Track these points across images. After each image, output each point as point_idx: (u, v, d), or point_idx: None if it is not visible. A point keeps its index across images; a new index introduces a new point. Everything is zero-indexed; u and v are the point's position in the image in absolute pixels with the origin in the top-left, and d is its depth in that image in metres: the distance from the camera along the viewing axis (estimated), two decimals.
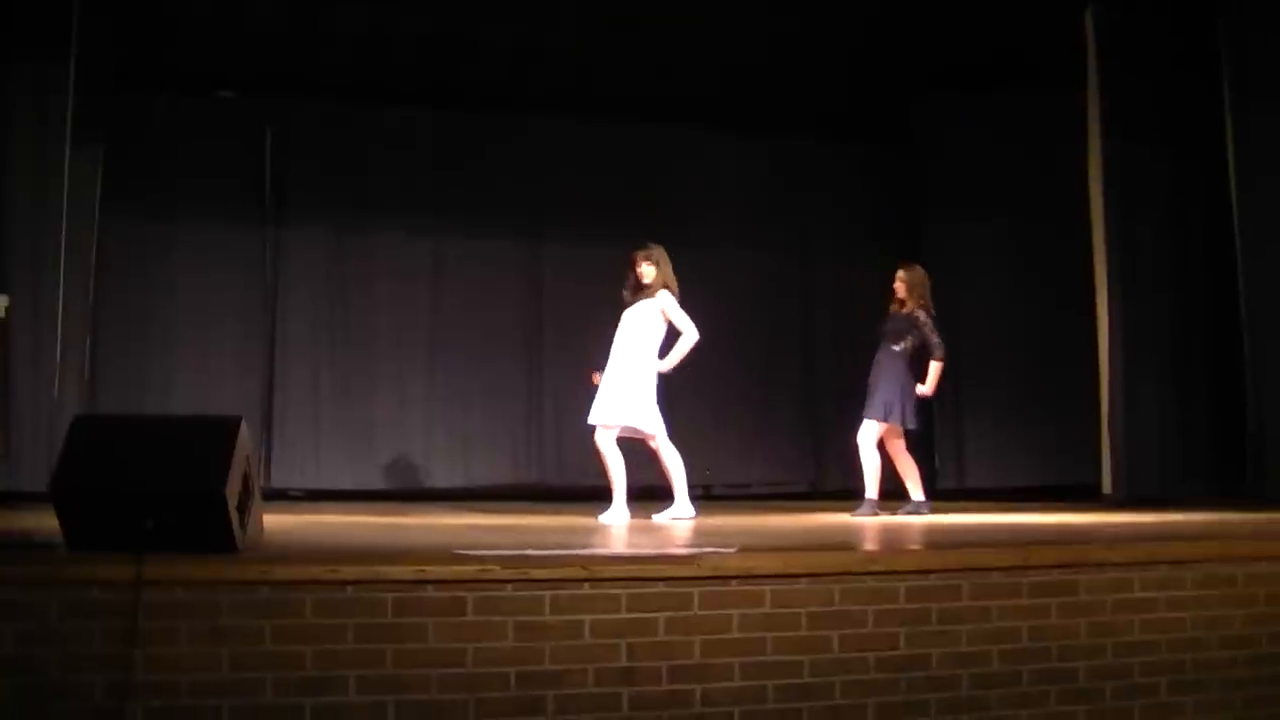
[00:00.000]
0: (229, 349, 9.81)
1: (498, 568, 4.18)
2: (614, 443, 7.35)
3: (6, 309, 7.62)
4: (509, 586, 4.14)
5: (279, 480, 9.63)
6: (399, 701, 4.02)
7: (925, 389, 8.11)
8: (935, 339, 8.04)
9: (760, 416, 10.69)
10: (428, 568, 4.14)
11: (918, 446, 10.47)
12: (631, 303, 7.53)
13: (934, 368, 8.07)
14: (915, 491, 8.18)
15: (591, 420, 7.39)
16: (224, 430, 4.34)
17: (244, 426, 4.40)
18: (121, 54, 9.14)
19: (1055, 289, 10.06)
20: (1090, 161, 9.45)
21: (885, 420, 8.03)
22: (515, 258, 10.40)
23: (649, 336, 7.45)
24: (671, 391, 7.58)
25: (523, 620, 4.12)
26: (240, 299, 9.86)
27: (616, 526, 6.89)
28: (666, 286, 7.46)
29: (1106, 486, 9.24)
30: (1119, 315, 9.25)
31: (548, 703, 4.12)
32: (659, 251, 7.52)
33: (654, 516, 7.25)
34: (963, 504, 9.16)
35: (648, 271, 7.49)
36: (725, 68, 10.29)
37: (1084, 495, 9.22)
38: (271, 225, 9.92)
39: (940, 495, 10.14)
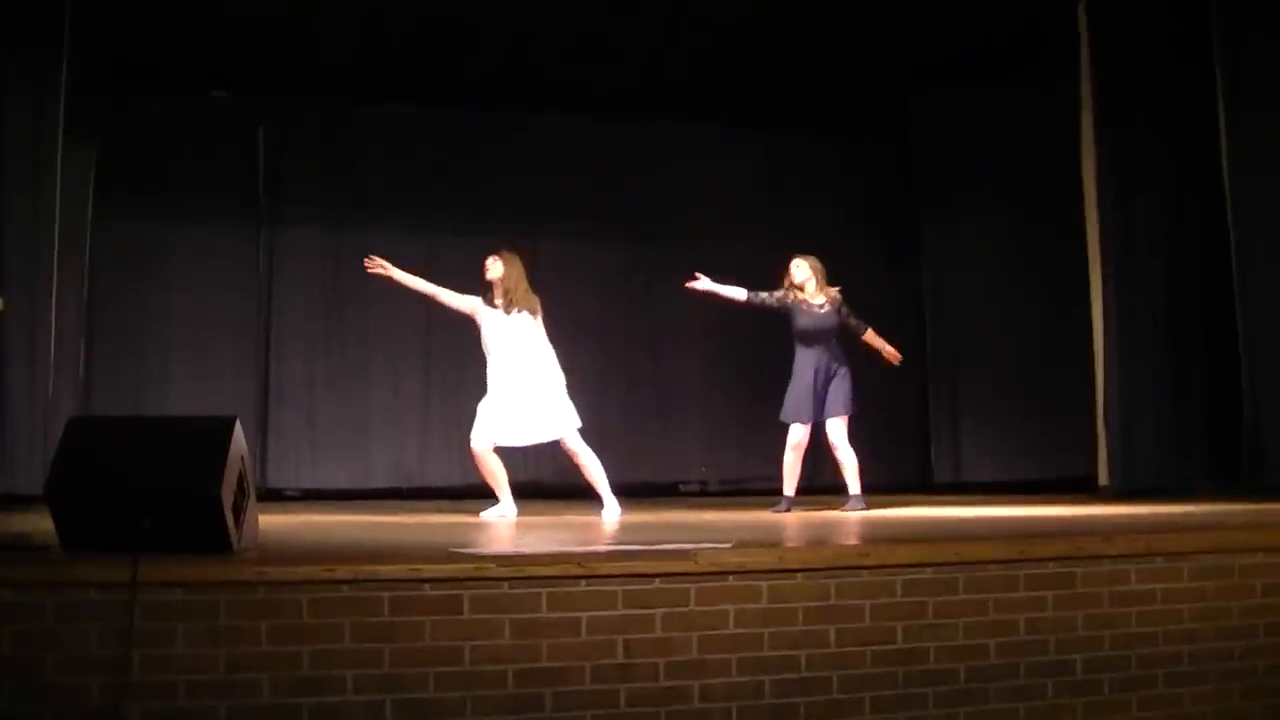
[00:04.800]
0: (224, 348, 9.78)
1: (494, 565, 4.18)
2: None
3: (0, 309, 7.60)
4: (505, 584, 4.14)
5: (274, 480, 9.61)
6: (396, 700, 4.01)
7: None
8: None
9: (754, 413, 10.65)
10: (424, 566, 4.13)
11: (913, 439, 10.56)
12: (505, 309, 7.55)
13: None
14: (790, 488, 8.01)
15: (555, 435, 7.47)
16: (218, 430, 4.34)
17: (238, 426, 4.40)
18: (115, 52, 9.12)
19: (1051, 281, 10.06)
20: (1084, 152, 9.43)
21: (847, 413, 7.94)
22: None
23: (541, 337, 7.54)
24: (667, 388, 7.55)
25: (519, 618, 4.12)
26: (235, 297, 9.82)
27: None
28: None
29: (1103, 479, 9.22)
30: (1114, 306, 9.23)
31: (545, 700, 4.12)
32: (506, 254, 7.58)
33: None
34: (959, 497, 9.15)
35: (496, 270, 7.58)
36: (720, 61, 10.28)
37: (1080, 488, 9.21)
38: (266, 223, 9.89)
39: (936, 489, 10.17)
